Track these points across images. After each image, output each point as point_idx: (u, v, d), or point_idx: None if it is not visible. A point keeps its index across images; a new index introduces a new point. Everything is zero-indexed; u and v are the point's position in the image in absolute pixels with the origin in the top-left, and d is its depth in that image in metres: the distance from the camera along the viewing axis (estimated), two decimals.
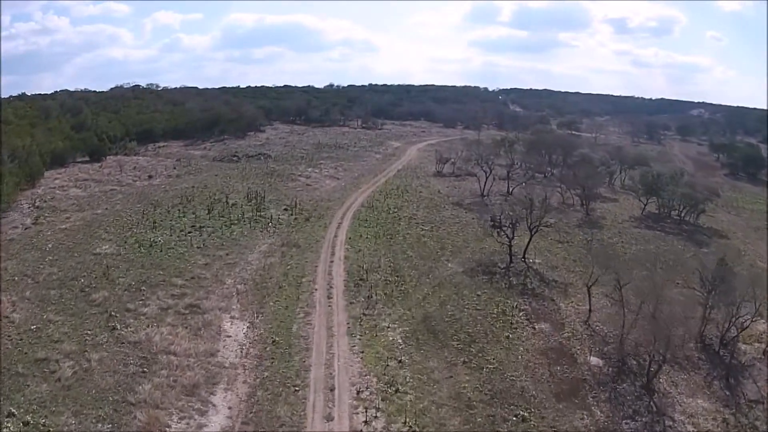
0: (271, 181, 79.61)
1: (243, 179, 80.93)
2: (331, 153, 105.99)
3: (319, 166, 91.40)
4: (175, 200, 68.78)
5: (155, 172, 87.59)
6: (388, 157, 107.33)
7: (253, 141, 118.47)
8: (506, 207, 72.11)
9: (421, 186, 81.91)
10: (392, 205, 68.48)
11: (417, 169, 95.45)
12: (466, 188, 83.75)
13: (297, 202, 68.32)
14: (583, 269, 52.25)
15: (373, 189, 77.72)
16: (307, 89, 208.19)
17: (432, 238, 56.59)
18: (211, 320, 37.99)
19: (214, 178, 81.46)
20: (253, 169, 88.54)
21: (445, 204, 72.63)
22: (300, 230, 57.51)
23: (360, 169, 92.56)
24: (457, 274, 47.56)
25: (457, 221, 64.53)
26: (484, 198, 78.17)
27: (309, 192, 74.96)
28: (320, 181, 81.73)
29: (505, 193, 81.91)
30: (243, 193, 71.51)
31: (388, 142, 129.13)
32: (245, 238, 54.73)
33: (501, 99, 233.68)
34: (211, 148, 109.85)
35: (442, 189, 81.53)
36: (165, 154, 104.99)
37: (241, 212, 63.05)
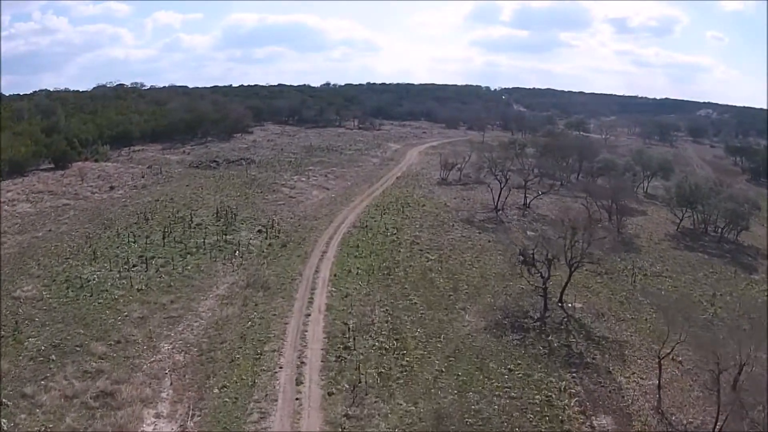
0: (248, 193, 66.17)
1: (217, 190, 67.52)
2: (322, 157, 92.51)
3: (307, 173, 77.93)
4: (131, 219, 55.88)
5: (120, 181, 74.20)
6: (387, 162, 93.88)
7: (238, 144, 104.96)
8: (529, 228, 59.82)
9: (424, 197, 68.49)
10: (390, 224, 55.12)
11: (418, 176, 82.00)
12: (475, 200, 70.37)
13: (275, 220, 55.05)
14: (633, 314, 39.86)
15: (368, 202, 64.32)
16: (302, 88, 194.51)
17: (441, 273, 43.16)
18: (124, 423, 24.72)
19: (184, 189, 68.10)
20: (232, 177, 75.10)
21: (454, 221, 59.26)
22: (273, 262, 44.14)
23: (354, 177, 79.14)
24: (478, 332, 34.22)
25: (470, 245, 51.18)
26: (499, 213, 64.87)
27: (292, 207, 61.55)
28: (307, 192, 68.26)
29: (522, 206, 68.70)
30: (213, 209, 58.26)
31: (386, 145, 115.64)
32: (201, 275, 41.40)
33: (504, 99, 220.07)
34: (191, 152, 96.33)
35: (448, 201, 68.14)
36: (139, 159, 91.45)
37: (204, 235, 49.85)
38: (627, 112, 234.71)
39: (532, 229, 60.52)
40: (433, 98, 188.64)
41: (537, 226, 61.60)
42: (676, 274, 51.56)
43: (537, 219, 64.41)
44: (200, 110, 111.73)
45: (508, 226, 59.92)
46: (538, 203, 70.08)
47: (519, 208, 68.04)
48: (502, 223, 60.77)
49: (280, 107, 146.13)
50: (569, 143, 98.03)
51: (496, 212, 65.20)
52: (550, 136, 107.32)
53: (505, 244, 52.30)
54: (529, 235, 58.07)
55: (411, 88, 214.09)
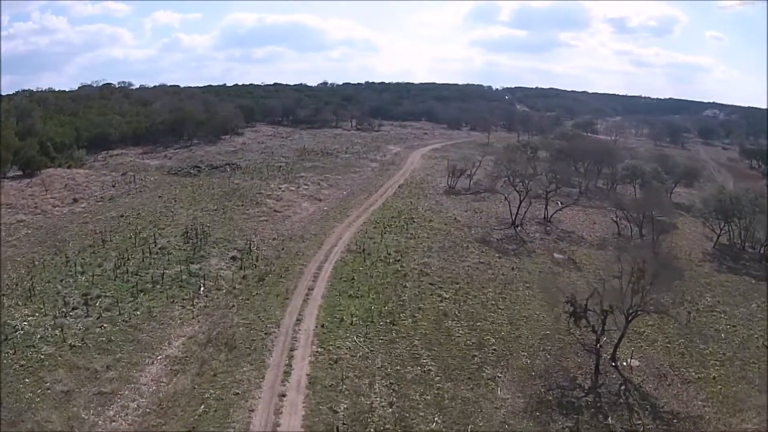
0: (227, 206, 56.18)
1: (192, 202, 57.61)
2: (316, 161, 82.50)
3: (297, 181, 67.87)
4: (86, 241, 46.44)
5: (86, 192, 64.44)
6: (387, 167, 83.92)
7: (225, 146, 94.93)
8: (556, 249, 49.90)
9: (431, 210, 58.58)
10: (393, 247, 45.24)
11: (423, 183, 72.04)
12: (489, 212, 60.56)
13: (254, 242, 45.19)
14: (699, 370, 31.22)
15: (366, 217, 54.39)
16: (299, 87, 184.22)
17: (460, 320, 33.28)
18: None
19: (155, 202, 58.22)
20: (212, 185, 65.15)
21: (468, 241, 49.42)
22: (245, 304, 34.22)
23: (351, 185, 69.18)
24: (516, 416, 24.44)
25: (491, 276, 41.34)
26: (518, 229, 55.04)
27: (276, 223, 51.58)
28: (295, 204, 58.25)
29: (543, 220, 58.90)
30: (183, 227, 48.42)
31: (386, 147, 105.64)
32: (152, 325, 31.57)
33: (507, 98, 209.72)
34: (173, 157, 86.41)
35: (459, 215, 58.27)
36: (115, 164, 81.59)
37: (165, 264, 40.02)
38: (631, 113, 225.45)
39: (559, 250, 50.75)
40: (433, 98, 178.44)
41: (564, 246, 51.86)
42: (729, 306, 42.46)
43: (562, 236, 54.65)
44: (185, 110, 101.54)
45: (531, 247, 50.08)
46: (559, 216, 60.31)
47: (539, 223, 58.24)
48: (524, 243, 50.93)
49: (273, 107, 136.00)
50: (586, 147, 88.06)
51: (514, 228, 55.40)
52: (564, 138, 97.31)
53: (532, 274, 42.54)
54: (556, 259, 48.39)
55: (411, 87, 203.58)
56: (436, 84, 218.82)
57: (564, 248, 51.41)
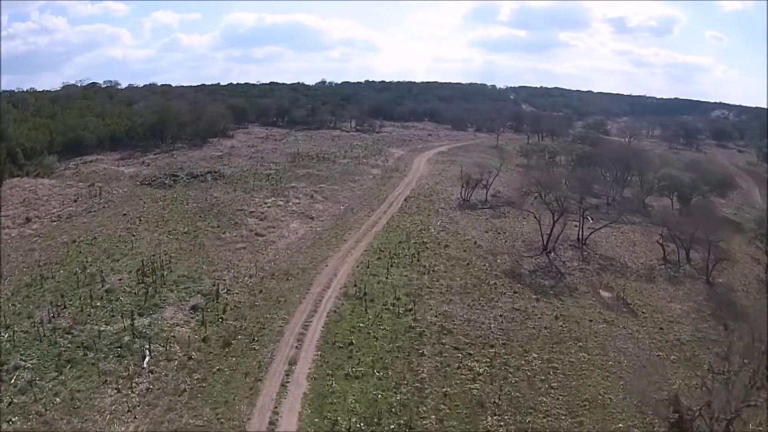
0: (200, 228, 45.86)
1: (160, 223, 47.31)
2: (310, 168, 72.00)
3: (287, 193, 57.45)
4: (24, 277, 36.50)
5: (44, 209, 54.51)
6: (390, 174, 73.47)
7: (212, 151, 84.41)
8: (603, 286, 39.32)
9: (446, 231, 48.24)
10: (402, 287, 35.01)
11: (432, 195, 61.59)
12: (514, 233, 50.31)
13: (225, 282, 34.88)
14: None
15: (367, 242, 44.00)
16: (296, 86, 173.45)
17: (503, 416, 23.09)
18: None
19: (118, 222, 47.95)
20: (188, 199, 54.82)
21: (495, 275, 39.21)
22: (201, 390, 23.92)
23: (349, 197, 58.78)
24: None
25: (532, 331, 31.14)
26: (551, 256, 44.80)
27: (256, 252, 41.20)
28: (282, 224, 47.80)
29: (577, 242, 48.75)
30: (143, 257, 38.18)
31: (388, 150, 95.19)
32: (73, 422, 21.41)
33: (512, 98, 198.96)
34: (152, 163, 75.93)
35: (478, 237, 47.98)
36: (87, 173, 71.12)
37: (109, 316, 29.81)
38: (638, 113, 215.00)
39: (605, 285, 40.49)
40: (436, 97, 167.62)
41: (608, 278, 41.65)
42: None
43: (603, 265, 44.49)
44: (169, 112, 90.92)
45: (571, 281, 39.88)
46: (594, 236, 50.10)
47: (573, 246, 48.06)
48: (562, 276, 40.72)
49: (268, 107, 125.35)
50: (612, 152, 77.79)
51: (546, 255, 45.19)
52: (585, 141, 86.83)
53: (581, 324, 32.29)
54: (605, 300, 38.12)
55: (412, 86, 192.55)
56: (438, 83, 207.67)
57: (609, 282, 41.22)
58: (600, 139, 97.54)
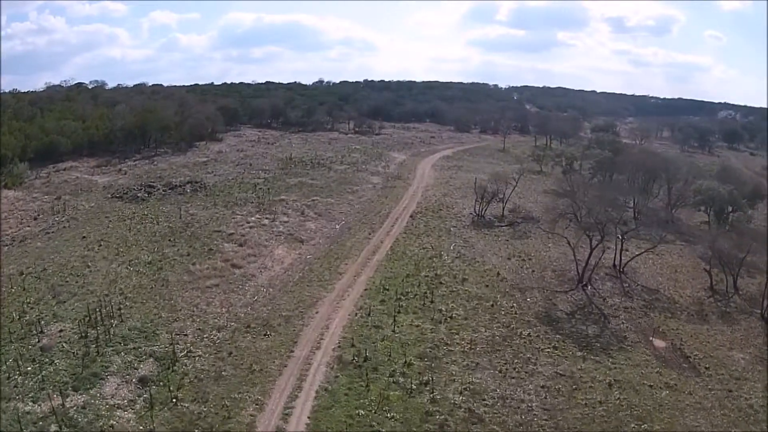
0: (167, 256, 37.50)
1: (122, 249, 38.96)
2: (303, 176, 63.62)
3: (274, 209, 49.02)
4: None
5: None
6: (392, 183, 65.11)
7: (196, 156, 75.95)
8: (655, 332, 29.87)
9: (462, 259, 39.83)
10: (413, 343, 26.75)
11: (441, 209, 53.18)
12: (540, 259, 41.95)
13: (188, 337, 26.56)
14: None
15: (367, 275, 35.53)
16: (293, 86, 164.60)
17: None
18: None
19: (75, 247, 39.69)
20: (160, 217, 46.45)
21: (526, 322, 30.91)
22: None
23: (346, 213, 50.37)
24: None
25: (584, 410, 22.88)
26: (588, 290, 36.53)
27: (231, 291, 32.81)
28: (265, 251, 39.30)
29: (613, 269, 40.51)
30: (94, 297, 29.89)
31: (389, 155, 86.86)
32: None
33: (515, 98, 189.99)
34: (129, 171, 67.50)
35: (500, 265, 39.64)
36: (58, 183, 62.67)
37: (37, 389, 21.71)
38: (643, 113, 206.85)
39: (656, 330, 32.19)
40: (437, 97, 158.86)
41: (656, 318, 33.42)
42: None
43: (648, 300, 36.32)
44: (152, 113, 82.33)
45: (617, 327, 31.60)
46: (633, 263, 41.83)
47: (611, 275, 39.84)
48: (606, 320, 32.44)
49: (262, 108, 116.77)
50: (637, 158, 69.47)
51: (583, 289, 36.92)
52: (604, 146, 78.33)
53: (641, 393, 24.04)
54: (659, 351, 29.80)
55: (413, 85, 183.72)
56: (439, 82, 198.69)
57: (659, 325, 32.96)
58: (619, 143, 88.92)
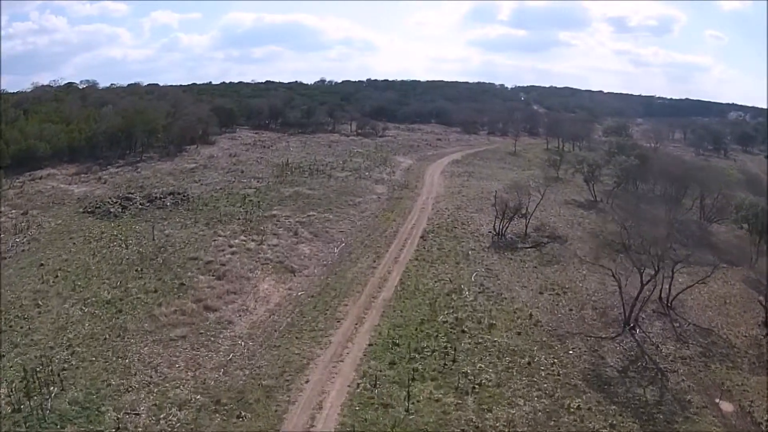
0: (130, 293, 30.35)
1: (80, 282, 31.84)
2: (299, 185, 56.42)
3: (264, 227, 41.78)
4: None
5: None
6: (398, 193, 57.89)
7: (185, 162, 68.74)
8: (722, 394, 22.54)
9: (485, 294, 32.49)
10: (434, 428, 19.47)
11: (456, 227, 45.74)
12: (577, 293, 34.59)
13: (141, 415, 19.41)
14: None
15: (371, 322, 28.15)
16: (293, 85, 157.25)
17: None
18: None
19: (29, 278, 32.77)
20: (131, 238, 39.31)
21: (573, 388, 23.63)
22: None
23: (347, 231, 43.12)
24: None
25: None
26: (636, 332, 29.35)
27: (201, 344, 25.56)
28: (248, 286, 32.00)
29: (661, 304, 33.24)
30: (36, 351, 22.80)
31: (394, 159, 79.65)
32: None
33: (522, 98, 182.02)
34: (109, 180, 60.44)
35: (531, 302, 32.33)
36: (31, 194, 55.57)
37: None
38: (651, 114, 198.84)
39: (722, 389, 24.95)
40: (442, 97, 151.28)
41: (717, 370, 26.22)
42: None
43: (706, 347, 29.07)
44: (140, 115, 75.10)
45: (677, 385, 24.36)
46: (681, 296, 34.59)
47: (659, 312, 32.64)
48: (664, 378, 25.22)
49: (260, 108, 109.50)
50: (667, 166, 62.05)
51: (630, 332, 29.74)
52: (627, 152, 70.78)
53: None
54: (726, 417, 22.55)
55: (417, 84, 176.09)
56: (444, 81, 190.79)
57: (722, 379, 25.77)
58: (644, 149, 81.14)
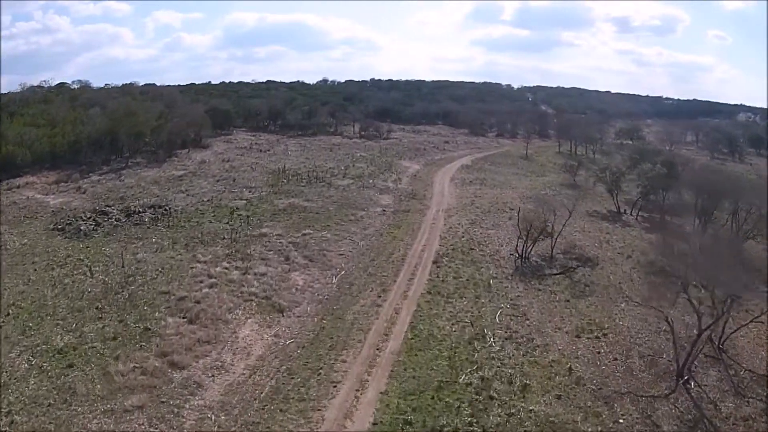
0: (85, 339, 24.54)
1: (32, 322, 26.04)
2: (296, 196, 50.61)
3: (251, 250, 35.85)
4: None
5: None
6: (406, 205, 52.03)
7: (174, 168, 62.98)
8: None
9: (512, 339, 26.50)
10: None
11: (473, 247, 39.62)
12: (618, 333, 28.62)
13: None
14: None
15: (376, 390, 22.08)
16: (295, 85, 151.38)
17: None
18: None
19: None
20: (97, 264, 33.54)
21: None
22: None
23: (347, 256, 37.13)
24: None
25: None
26: (689, 386, 23.43)
27: (160, 421, 19.66)
28: (225, 332, 25.84)
29: (711, 346, 27.24)
30: None
31: (399, 164, 73.85)
32: None
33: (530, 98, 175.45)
34: (89, 189, 54.83)
35: (567, 349, 26.39)
36: (5, 204, 49.88)
37: None
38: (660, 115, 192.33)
39: None
40: (448, 97, 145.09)
41: None
42: None
43: None
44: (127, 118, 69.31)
45: None
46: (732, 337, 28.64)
47: (711, 357, 26.71)
48: None
49: (258, 109, 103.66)
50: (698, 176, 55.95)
51: (684, 385, 23.90)
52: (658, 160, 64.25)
53: None
54: None
55: (422, 84, 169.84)
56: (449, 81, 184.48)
57: None
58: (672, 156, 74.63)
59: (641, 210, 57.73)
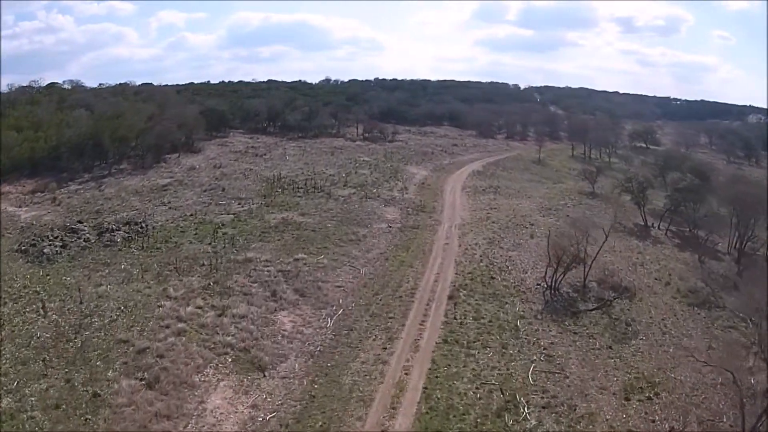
0: (23, 409, 19.15)
1: None
2: (290, 209, 45.03)
3: (230, 283, 30.30)
4: None
5: None
6: (414, 219, 46.47)
7: (160, 176, 57.43)
8: None
9: (549, 409, 20.98)
10: None
11: (492, 274, 33.98)
12: (671, 390, 23.08)
13: None
14: None
15: None
16: (296, 85, 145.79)
17: None
18: None
19: None
20: (53, 299, 28.09)
21: None
22: None
23: (345, 291, 31.47)
24: None
25: None
26: None
27: None
28: (190, 403, 20.23)
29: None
30: None
31: (406, 170, 68.15)
32: None
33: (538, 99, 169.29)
34: (64, 200, 49.59)
35: (615, 416, 20.88)
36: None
37: None
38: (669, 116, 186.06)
39: None
40: (454, 97, 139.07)
41: None
42: None
43: None
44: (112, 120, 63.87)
45: None
46: None
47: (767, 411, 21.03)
48: None
49: (257, 109, 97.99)
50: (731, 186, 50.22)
51: None
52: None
53: None
54: None
55: (427, 84, 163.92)
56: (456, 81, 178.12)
57: None
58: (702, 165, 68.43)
59: (670, 223, 52.16)
